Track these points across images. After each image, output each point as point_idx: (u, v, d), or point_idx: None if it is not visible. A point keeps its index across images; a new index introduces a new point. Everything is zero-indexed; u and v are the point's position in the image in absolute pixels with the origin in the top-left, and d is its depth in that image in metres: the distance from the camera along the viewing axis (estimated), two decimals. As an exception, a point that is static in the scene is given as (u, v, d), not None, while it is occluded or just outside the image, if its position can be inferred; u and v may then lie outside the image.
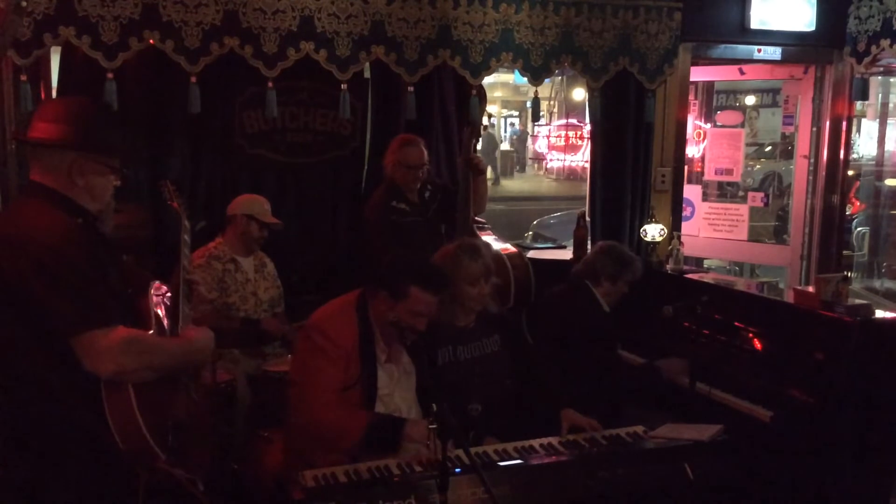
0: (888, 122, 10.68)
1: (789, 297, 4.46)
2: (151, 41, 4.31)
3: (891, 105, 10.72)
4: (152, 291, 2.48)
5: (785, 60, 5.88)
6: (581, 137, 7.58)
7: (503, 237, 5.37)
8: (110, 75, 4.29)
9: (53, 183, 2.33)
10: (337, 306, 3.20)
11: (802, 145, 6.23)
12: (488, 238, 5.00)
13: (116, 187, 2.48)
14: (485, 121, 5.15)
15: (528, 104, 5.31)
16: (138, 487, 2.34)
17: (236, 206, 4.38)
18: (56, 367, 2.20)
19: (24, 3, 2.82)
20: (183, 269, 2.73)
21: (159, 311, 2.49)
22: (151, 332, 2.40)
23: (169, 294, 2.62)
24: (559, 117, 15.56)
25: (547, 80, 5.21)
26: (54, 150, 2.32)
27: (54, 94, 4.61)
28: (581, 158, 7.60)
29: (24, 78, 4.25)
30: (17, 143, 4.01)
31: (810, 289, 4.30)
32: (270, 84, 4.53)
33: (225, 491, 3.49)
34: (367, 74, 5.11)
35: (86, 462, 2.26)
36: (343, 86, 4.65)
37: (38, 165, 2.35)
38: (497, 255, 4.81)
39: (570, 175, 16.69)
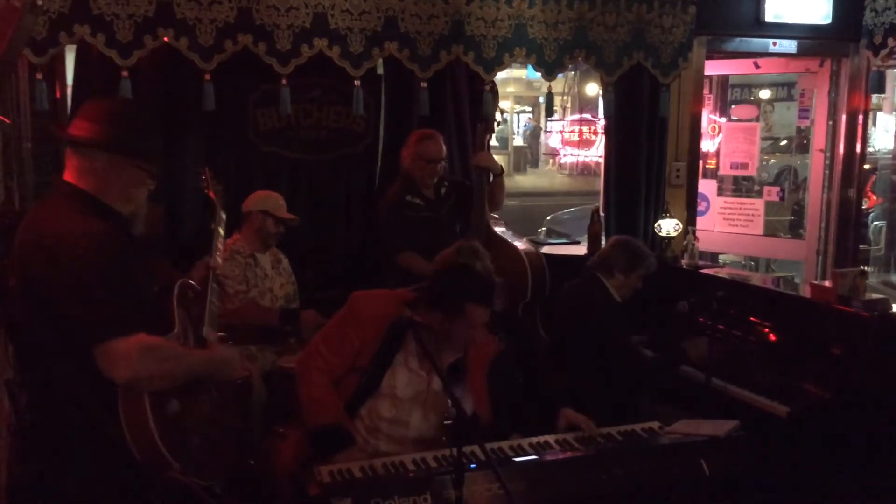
0: (904, 115, 10.62)
1: (805, 292, 4.45)
2: (166, 39, 4.33)
3: (907, 98, 10.66)
4: (177, 291, 2.48)
5: (800, 54, 5.85)
6: (595, 132, 7.53)
7: (517, 232, 5.35)
8: (125, 73, 4.32)
9: (86, 184, 2.32)
10: (387, 294, 3.20)
11: (818, 139, 6.19)
12: (502, 232, 4.99)
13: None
14: (497, 117, 5.14)
15: (542, 99, 5.30)
16: (153, 495, 2.34)
17: (251, 203, 4.40)
18: (80, 372, 2.20)
19: (39, 2, 2.83)
20: (214, 262, 2.73)
21: (182, 311, 2.48)
22: (175, 331, 2.40)
23: (192, 292, 2.61)
24: (572, 112, 15.50)
25: (560, 75, 5.20)
26: (92, 150, 2.32)
27: (69, 92, 4.64)
28: (595, 154, 7.55)
29: (39, 76, 4.28)
30: (58, 139, 4.00)
31: (827, 283, 4.28)
32: (284, 81, 4.55)
33: (241, 487, 3.51)
34: (380, 71, 5.10)
35: (104, 468, 2.26)
36: (356, 82, 4.66)
37: (73, 164, 2.34)
38: (514, 250, 4.81)
39: (584, 171, 16.63)
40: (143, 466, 2.23)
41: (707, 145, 6.55)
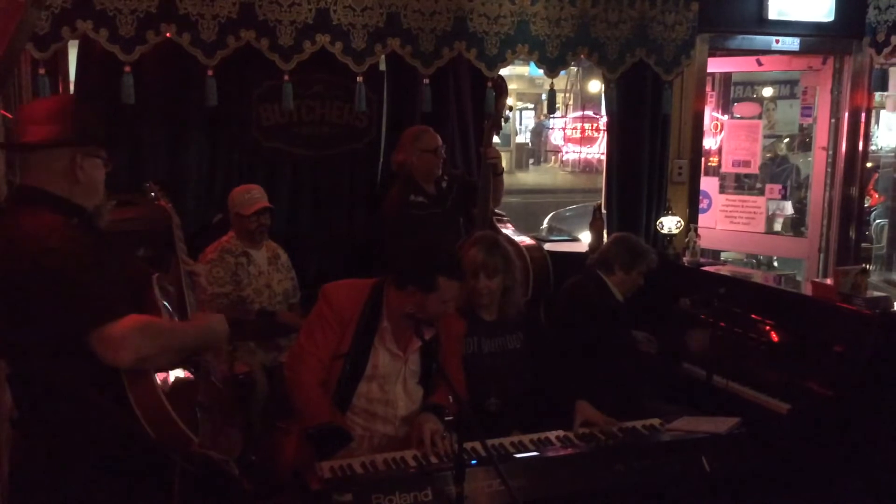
0: (907, 113, 10.60)
1: (807, 290, 4.44)
2: (168, 34, 4.33)
3: (910, 96, 10.62)
4: (156, 284, 2.48)
5: (803, 51, 5.84)
6: (597, 130, 7.55)
7: (520, 230, 5.35)
8: (128, 69, 4.31)
9: (49, 185, 2.29)
10: (352, 281, 3.29)
11: (821, 137, 6.19)
12: (507, 230, 4.99)
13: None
14: (506, 113, 5.13)
15: (544, 97, 5.30)
16: (173, 479, 2.33)
17: (229, 204, 4.37)
18: (74, 368, 2.17)
19: (42, -3, 2.83)
20: (182, 262, 2.75)
21: (166, 303, 2.48)
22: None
23: (172, 287, 2.62)
24: (574, 109, 15.49)
25: (562, 73, 5.19)
26: (52, 150, 2.29)
27: (72, 87, 4.64)
28: (597, 151, 7.56)
29: (42, 72, 4.27)
30: (13, 151, 3.89)
31: (829, 281, 4.28)
32: (286, 77, 4.54)
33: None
34: (382, 67, 5.10)
35: (118, 460, 2.24)
36: (359, 78, 4.66)
37: (33, 169, 2.31)
38: (517, 247, 4.80)
39: (586, 168, 16.63)
40: (162, 448, 2.22)
41: (709, 143, 6.55)
